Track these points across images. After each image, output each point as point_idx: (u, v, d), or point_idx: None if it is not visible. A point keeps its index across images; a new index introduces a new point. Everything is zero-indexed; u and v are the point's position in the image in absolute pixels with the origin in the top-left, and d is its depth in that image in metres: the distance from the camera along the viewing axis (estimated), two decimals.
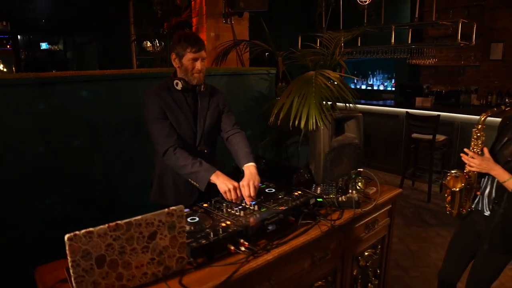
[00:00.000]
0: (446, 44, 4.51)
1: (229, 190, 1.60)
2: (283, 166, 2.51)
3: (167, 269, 1.23)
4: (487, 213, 1.76)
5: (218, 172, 1.66)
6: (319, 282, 1.66)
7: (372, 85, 6.45)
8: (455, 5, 5.52)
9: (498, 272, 1.80)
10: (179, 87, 1.79)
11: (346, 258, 1.77)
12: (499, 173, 1.65)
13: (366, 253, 1.94)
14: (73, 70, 8.00)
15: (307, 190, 1.77)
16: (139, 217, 1.15)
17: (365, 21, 4.95)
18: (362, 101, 5.69)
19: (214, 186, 1.64)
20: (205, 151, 1.88)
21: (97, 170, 2.12)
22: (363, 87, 6.59)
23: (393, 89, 5.98)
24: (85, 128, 2.09)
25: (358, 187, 1.87)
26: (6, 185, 1.83)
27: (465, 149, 1.76)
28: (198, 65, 1.76)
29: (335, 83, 2.20)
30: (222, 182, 1.62)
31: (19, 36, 7.34)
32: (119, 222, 1.11)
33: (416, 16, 4.45)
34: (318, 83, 2.04)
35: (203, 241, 1.31)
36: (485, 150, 1.72)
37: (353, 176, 1.86)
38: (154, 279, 1.21)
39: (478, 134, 1.75)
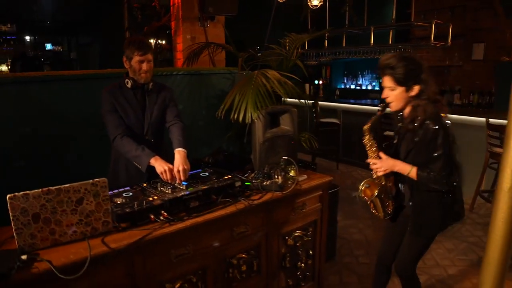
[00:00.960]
0: (420, 44, 4.73)
1: (165, 171, 1.93)
2: (239, 157, 2.84)
3: (94, 229, 1.57)
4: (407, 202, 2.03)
5: (157, 157, 2.00)
6: (242, 255, 1.97)
7: (361, 85, 6.70)
8: (440, 6, 5.72)
9: (418, 252, 2.05)
10: (129, 85, 2.14)
11: (271, 235, 2.07)
12: (401, 167, 1.91)
13: (296, 234, 2.24)
14: (77, 69, 8.53)
15: (239, 175, 2.09)
16: (68, 185, 1.49)
17: (347, 23, 5.22)
18: (352, 101, 5.96)
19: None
20: (152, 140, 2.22)
21: (70, 157, 2.46)
22: (352, 86, 6.85)
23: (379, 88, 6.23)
24: (59, 120, 2.45)
25: (290, 175, 2.18)
26: None
27: (367, 160, 2.01)
28: (144, 66, 2.10)
29: (284, 82, 2.51)
30: (159, 165, 1.96)
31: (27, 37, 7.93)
32: (50, 187, 1.45)
33: (393, 17, 4.69)
34: (257, 82, 2.35)
35: (128, 210, 1.64)
36: (381, 154, 1.96)
37: (281, 164, 2.17)
38: (82, 237, 1.54)
39: (369, 144, 1.99)
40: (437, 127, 1.78)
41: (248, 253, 1.99)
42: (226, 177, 2.02)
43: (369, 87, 6.58)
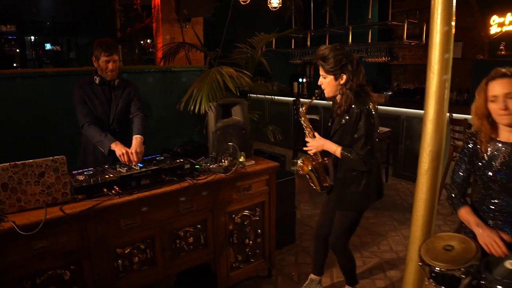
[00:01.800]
0: (394, 43, 5.02)
1: (122, 154, 2.29)
2: (206, 146, 3.19)
3: (54, 199, 1.94)
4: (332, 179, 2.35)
5: (117, 142, 2.36)
6: (189, 228, 2.31)
7: None
8: (421, 5, 5.99)
9: (346, 227, 2.33)
10: (97, 81, 2.51)
11: (216, 212, 2.41)
12: (329, 146, 2.24)
13: (244, 213, 2.57)
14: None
15: (191, 160, 2.44)
16: (31, 160, 1.86)
17: (327, 23, 5.54)
18: None
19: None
20: (117, 129, 2.59)
21: (48, 142, 2.84)
22: None
23: None
24: (38, 111, 2.84)
25: (239, 160, 2.53)
26: None
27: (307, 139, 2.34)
28: (110, 66, 2.47)
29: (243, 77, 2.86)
30: (118, 149, 2.32)
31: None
32: (17, 162, 1.82)
33: (369, 17, 4.98)
34: (211, 77, 2.70)
35: (84, 184, 2.01)
36: (316, 134, 2.30)
37: (229, 150, 2.51)
38: (44, 204, 1.90)
39: (305, 125, 2.33)
40: (359, 111, 2.11)
41: (194, 227, 2.34)
42: (178, 161, 2.37)
43: None
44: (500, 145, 1.67)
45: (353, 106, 2.13)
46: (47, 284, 1.85)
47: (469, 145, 1.80)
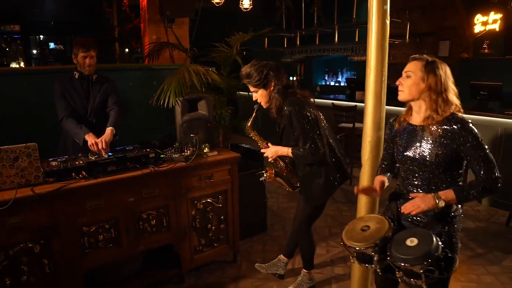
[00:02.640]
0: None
1: (92, 144, 2.61)
2: None
3: (27, 181, 2.25)
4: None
5: (90, 133, 2.67)
6: (152, 211, 2.61)
7: (340, 82, 7.22)
8: (411, 5, 6.17)
9: (308, 216, 2.60)
10: (76, 76, 2.83)
11: (178, 198, 2.70)
12: (282, 151, 2.46)
13: (207, 200, 2.85)
14: None
15: (157, 149, 2.73)
16: (6, 146, 2.18)
17: (315, 22, 5.78)
18: (332, 96, 6.51)
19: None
20: (94, 121, 2.90)
21: (32, 134, 3.18)
22: (332, 83, 7.38)
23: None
24: (23, 106, 3.19)
25: (203, 151, 2.82)
26: None
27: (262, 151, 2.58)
28: (87, 61, 2.78)
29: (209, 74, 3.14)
30: (90, 139, 2.64)
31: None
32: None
33: (354, 17, 5.20)
34: (180, 75, 3.00)
35: (55, 168, 2.33)
36: (269, 144, 2.54)
37: (193, 141, 2.80)
38: (18, 186, 2.22)
39: (256, 138, 2.57)
40: (288, 112, 2.34)
41: (157, 211, 2.63)
42: (144, 150, 2.67)
43: (346, 83, 7.11)
44: (409, 127, 1.84)
45: (285, 108, 2.36)
46: (19, 255, 2.17)
47: (387, 131, 2.01)
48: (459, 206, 1.82)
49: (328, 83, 7.39)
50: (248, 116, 2.65)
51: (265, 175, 2.60)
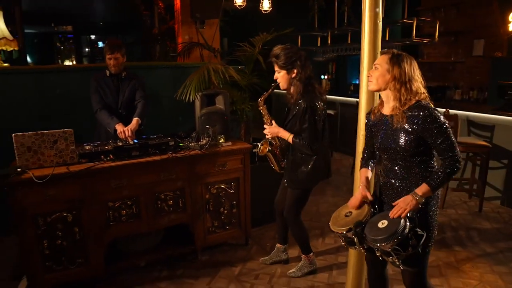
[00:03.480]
0: (405, 41, 5.27)
1: (120, 132, 3.04)
2: None
3: (64, 161, 2.71)
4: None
5: (120, 123, 3.11)
6: (169, 192, 2.99)
7: None
8: (447, 2, 6.13)
9: (295, 202, 2.82)
10: (108, 74, 3.29)
11: (193, 182, 3.05)
12: (283, 134, 2.76)
13: (220, 186, 3.19)
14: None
15: (177, 138, 3.12)
16: (47, 131, 2.64)
17: (345, 22, 5.94)
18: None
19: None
20: (124, 113, 3.33)
21: (74, 122, 3.69)
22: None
23: None
24: (68, 98, 3.71)
25: (219, 141, 3.17)
26: None
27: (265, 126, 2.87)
28: (112, 62, 3.21)
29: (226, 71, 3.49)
30: (119, 128, 3.07)
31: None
32: (38, 131, 2.62)
33: (383, 16, 5.29)
34: (200, 72, 3.36)
35: (87, 151, 2.77)
36: (273, 122, 2.83)
37: (209, 132, 3.15)
38: (56, 164, 2.69)
39: (263, 112, 2.85)
40: (305, 106, 2.62)
41: (174, 192, 3.01)
42: (166, 139, 3.06)
43: None
44: (382, 117, 2.02)
45: (300, 100, 2.63)
46: (55, 222, 2.63)
47: (366, 121, 2.21)
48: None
49: (355, 82, 7.48)
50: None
51: (260, 148, 2.88)
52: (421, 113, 1.83)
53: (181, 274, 3.02)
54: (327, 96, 6.76)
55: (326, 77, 7.28)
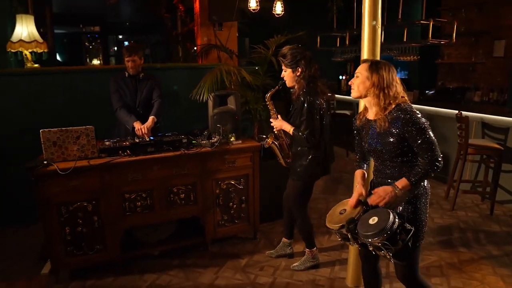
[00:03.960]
0: (421, 42, 5.31)
1: (138, 130, 3.30)
2: None
3: (85, 155, 2.99)
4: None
5: (138, 121, 3.37)
6: (181, 186, 3.22)
7: None
8: (468, 2, 6.10)
9: (298, 193, 2.99)
10: (126, 75, 3.56)
11: (204, 178, 3.27)
12: (286, 127, 2.94)
13: (230, 182, 3.40)
14: (149, 62, 10.66)
15: (190, 136, 3.35)
16: (71, 127, 2.93)
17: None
18: None
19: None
20: (141, 112, 3.60)
21: (95, 119, 4.00)
22: None
23: None
24: (90, 97, 4.02)
25: (230, 140, 3.38)
26: None
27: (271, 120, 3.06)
28: (130, 64, 3.48)
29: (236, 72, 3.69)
30: (136, 125, 3.33)
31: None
32: (62, 128, 2.90)
33: (399, 17, 5.36)
34: (213, 74, 3.58)
35: (106, 146, 3.04)
36: (279, 116, 3.02)
37: (220, 130, 3.36)
38: (78, 158, 2.97)
39: (270, 107, 3.05)
40: (303, 99, 2.79)
41: (186, 186, 3.24)
42: (179, 137, 3.30)
43: None
44: (367, 122, 2.17)
45: (301, 96, 2.81)
46: (76, 211, 2.91)
47: (353, 125, 2.35)
48: (426, 185, 2.13)
49: None
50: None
51: (267, 140, 3.11)
52: (402, 115, 1.96)
53: (191, 264, 3.25)
54: (344, 96, 6.94)
55: (344, 77, 7.37)
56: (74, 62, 10.05)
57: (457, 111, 4.27)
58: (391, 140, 2.02)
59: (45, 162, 2.84)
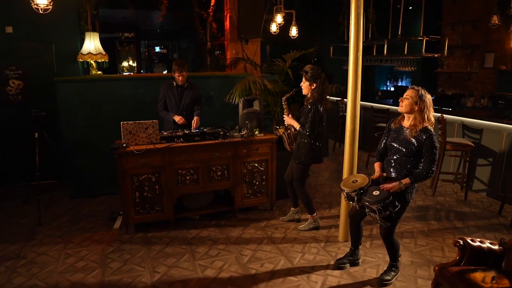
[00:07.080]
0: (416, 54, 6.59)
1: (179, 120, 4.77)
2: None
3: (151, 141, 4.44)
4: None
5: (176, 115, 4.84)
6: (218, 166, 4.64)
7: (400, 87, 8.61)
8: (465, 19, 7.34)
9: (300, 174, 4.34)
10: (174, 84, 5.01)
11: (235, 160, 4.68)
12: (294, 123, 4.29)
13: (254, 164, 4.81)
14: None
15: (225, 130, 4.79)
16: (142, 121, 4.39)
17: (369, 36, 7.36)
18: (390, 101, 8.02)
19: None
20: (184, 113, 5.01)
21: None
22: (392, 88, 8.78)
23: None
24: (130, 102, 5.50)
25: (255, 133, 4.80)
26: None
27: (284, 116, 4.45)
28: (180, 78, 4.88)
29: (261, 82, 5.11)
30: (176, 118, 4.80)
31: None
32: (136, 121, 4.37)
33: (399, 33, 6.66)
34: (243, 82, 5.00)
35: (165, 135, 4.50)
36: (290, 114, 4.39)
37: (247, 126, 4.78)
38: (147, 143, 4.42)
39: (285, 107, 4.44)
40: (311, 107, 4.17)
41: (222, 166, 4.65)
42: (216, 130, 4.73)
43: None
44: (400, 127, 3.32)
45: (309, 103, 4.19)
46: (144, 181, 4.35)
47: (387, 126, 3.62)
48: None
49: (388, 88, 8.78)
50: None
51: (279, 130, 4.50)
52: (425, 136, 3.09)
53: (223, 224, 4.66)
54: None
55: None
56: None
57: (439, 114, 5.56)
58: (411, 146, 3.14)
59: (124, 145, 4.31)
